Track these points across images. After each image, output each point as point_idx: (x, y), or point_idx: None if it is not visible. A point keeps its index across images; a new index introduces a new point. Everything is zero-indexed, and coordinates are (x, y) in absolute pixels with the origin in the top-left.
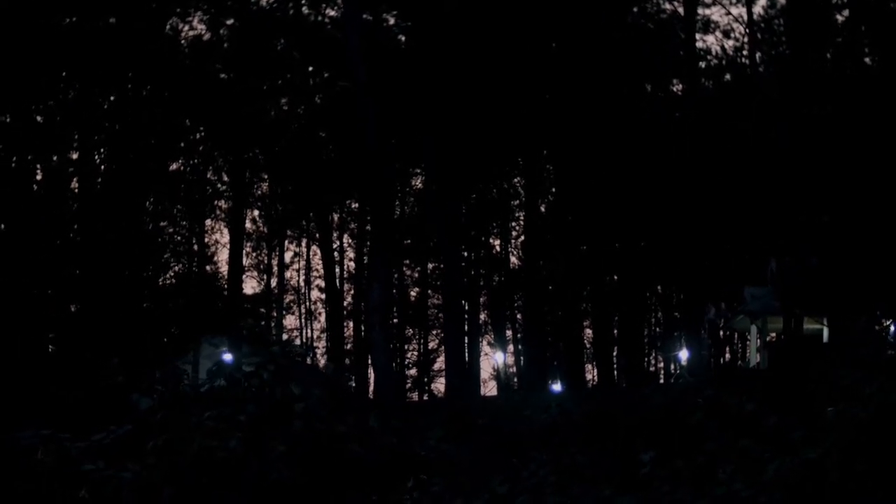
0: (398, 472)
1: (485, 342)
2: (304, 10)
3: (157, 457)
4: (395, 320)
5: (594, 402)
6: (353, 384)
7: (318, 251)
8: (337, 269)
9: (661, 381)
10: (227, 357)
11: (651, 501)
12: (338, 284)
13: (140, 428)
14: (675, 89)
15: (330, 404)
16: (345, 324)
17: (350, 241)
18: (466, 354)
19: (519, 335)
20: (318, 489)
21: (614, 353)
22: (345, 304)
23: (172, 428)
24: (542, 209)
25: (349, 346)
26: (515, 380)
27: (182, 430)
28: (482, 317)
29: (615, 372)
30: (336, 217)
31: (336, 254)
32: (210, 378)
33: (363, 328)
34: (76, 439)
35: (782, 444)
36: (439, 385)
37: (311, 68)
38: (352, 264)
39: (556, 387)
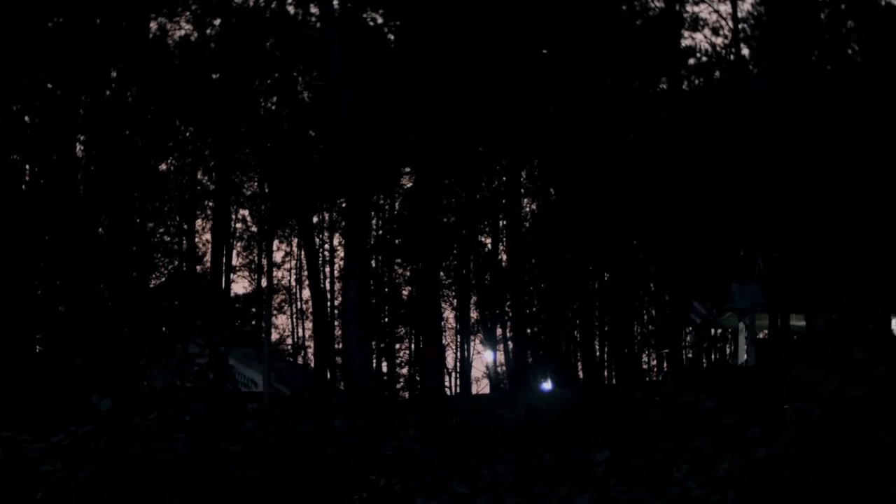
0: (360, 472)
1: (477, 340)
2: (290, 9)
3: (101, 459)
4: (386, 319)
5: (564, 400)
6: (343, 384)
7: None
8: (327, 269)
9: (653, 378)
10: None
11: (607, 500)
12: (328, 284)
13: (100, 429)
14: (663, 87)
15: (299, 404)
16: (336, 322)
17: (341, 239)
18: (463, 353)
19: (510, 333)
20: (273, 488)
21: (604, 351)
22: (337, 303)
23: (121, 430)
24: (533, 207)
25: (340, 346)
26: (506, 379)
27: (125, 432)
28: (474, 315)
29: (605, 370)
30: (326, 216)
31: (327, 253)
32: (169, 376)
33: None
34: (37, 440)
35: (740, 442)
36: None
37: (301, 67)
38: (342, 263)
39: (547, 385)
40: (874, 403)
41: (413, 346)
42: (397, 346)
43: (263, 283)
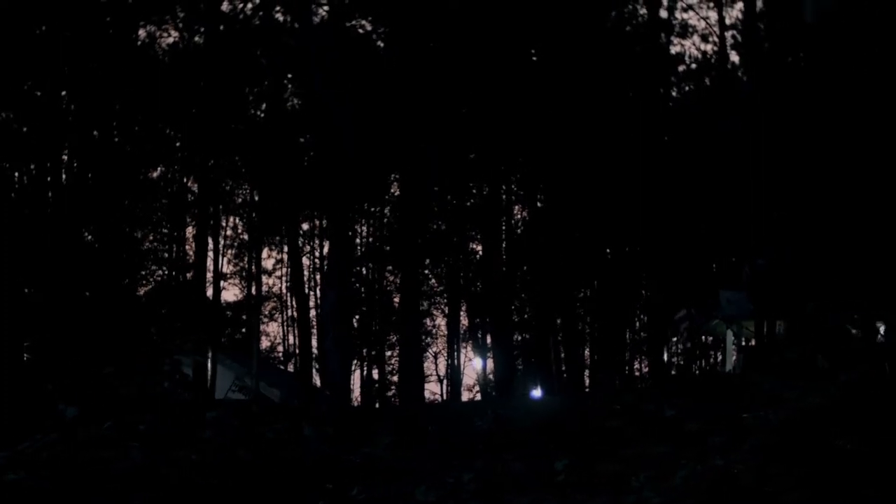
0: (322, 480)
1: (469, 347)
2: (279, 16)
3: (63, 468)
4: (376, 327)
5: (535, 408)
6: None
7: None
8: (318, 276)
9: (641, 385)
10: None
11: None
12: (319, 291)
13: (65, 437)
14: (652, 94)
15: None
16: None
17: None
18: (454, 360)
19: (491, 341)
20: (233, 495)
21: (593, 358)
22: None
23: (86, 439)
24: (524, 214)
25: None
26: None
27: (89, 441)
28: (465, 322)
29: (589, 377)
30: (317, 223)
31: (317, 260)
32: (136, 385)
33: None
34: (3, 448)
35: (700, 450)
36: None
37: (289, 75)
38: None
39: (537, 392)
40: (834, 412)
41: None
42: (388, 353)
43: (255, 290)
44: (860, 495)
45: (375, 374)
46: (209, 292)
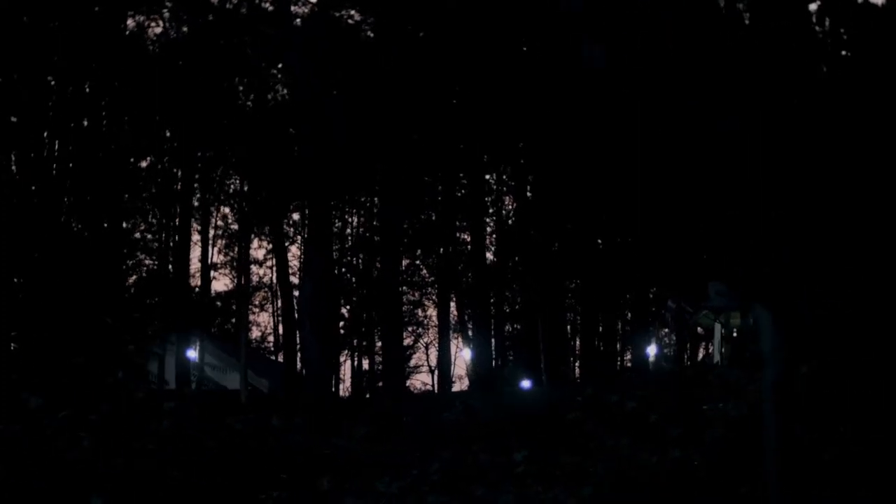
0: (285, 471)
1: (460, 339)
2: (268, 6)
3: (23, 458)
4: (365, 317)
5: (504, 401)
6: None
7: (292, 249)
8: None
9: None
10: (191, 355)
11: (526, 500)
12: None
13: (28, 427)
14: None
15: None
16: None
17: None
18: (444, 351)
19: (472, 330)
20: (184, 486)
21: (579, 349)
22: None
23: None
24: (515, 205)
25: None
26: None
27: (35, 433)
28: (455, 313)
29: (580, 367)
30: (307, 213)
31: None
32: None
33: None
34: None
35: (659, 442)
36: (415, 381)
37: (280, 65)
38: None
39: (526, 383)
40: (794, 403)
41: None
42: (379, 344)
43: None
44: (813, 486)
45: (367, 364)
46: (197, 283)
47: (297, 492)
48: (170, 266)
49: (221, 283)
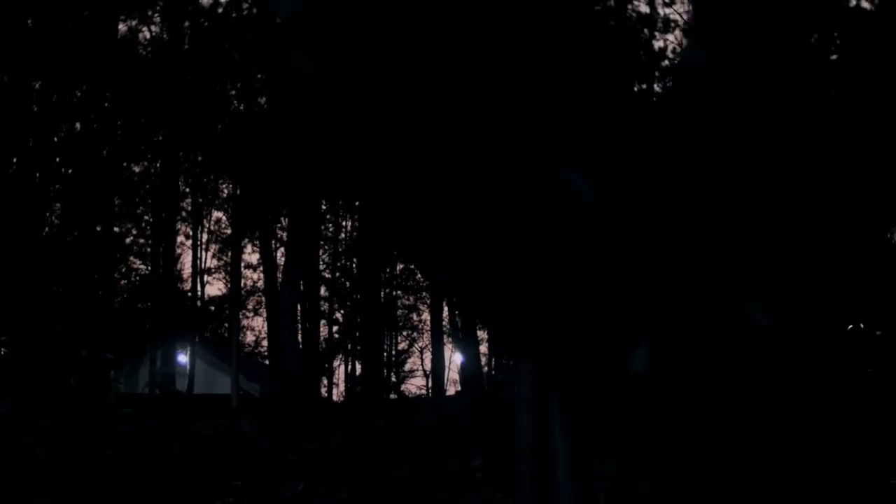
0: (239, 477)
1: (452, 343)
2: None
3: None
4: (359, 320)
5: (482, 404)
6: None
7: (287, 254)
8: None
9: None
10: (182, 359)
11: None
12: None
13: None
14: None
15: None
16: (306, 324)
17: (321, 243)
18: (444, 356)
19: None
20: (134, 492)
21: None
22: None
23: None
24: None
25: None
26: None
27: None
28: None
29: None
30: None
31: None
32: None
33: (334, 330)
34: None
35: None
36: (410, 386)
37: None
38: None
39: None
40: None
41: (393, 349)
42: None
43: (249, 284)
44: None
45: (359, 370)
46: (188, 287)
47: (256, 499)
48: (160, 270)
49: (215, 287)
